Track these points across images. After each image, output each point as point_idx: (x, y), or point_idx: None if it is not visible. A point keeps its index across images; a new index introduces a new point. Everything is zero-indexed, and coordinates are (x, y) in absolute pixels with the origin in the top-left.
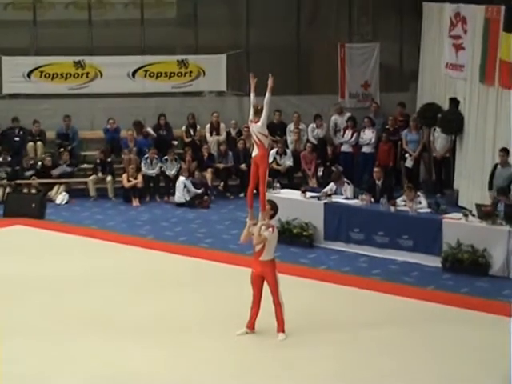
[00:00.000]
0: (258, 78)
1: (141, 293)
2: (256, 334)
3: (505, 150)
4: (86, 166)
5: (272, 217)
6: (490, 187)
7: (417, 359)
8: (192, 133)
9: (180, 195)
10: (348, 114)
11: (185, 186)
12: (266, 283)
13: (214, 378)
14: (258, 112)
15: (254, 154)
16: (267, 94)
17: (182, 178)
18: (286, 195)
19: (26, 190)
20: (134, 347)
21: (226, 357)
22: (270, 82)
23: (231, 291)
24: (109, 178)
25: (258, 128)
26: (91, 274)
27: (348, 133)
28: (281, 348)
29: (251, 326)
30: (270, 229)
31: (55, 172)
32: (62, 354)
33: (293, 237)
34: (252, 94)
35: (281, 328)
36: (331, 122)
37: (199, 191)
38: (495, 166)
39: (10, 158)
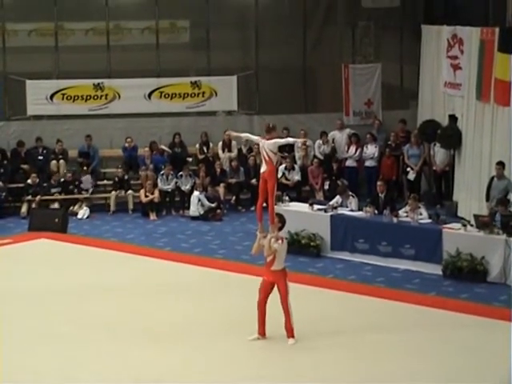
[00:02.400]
0: (266, 98)
1: (158, 301)
2: (267, 340)
3: (501, 164)
4: (105, 182)
5: (280, 229)
6: (488, 198)
7: (420, 363)
8: (205, 150)
9: (194, 209)
10: (347, 131)
11: (199, 200)
12: (274, 291)
13: (226, 381)
14: (269, 130)
15: (262, 169)
16: (291, 140)
17: (196, 193)
18: (295, 208)
19: (52, 206)
20: (153, 353)
21: (239, 362)
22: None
23: (244, 299)
24: (128, 193)
25: (269, 145)
26: (112, 284)
27: (352, 148)
28: (290, 353)
29: (262, 333)
30: (280, 241)
31: (84, 185)
32: (83, 359)
33: (301, 247)
34: (246, 135)
35: (290, 334)
36: (330, 137)
37: (212, 205)
38: (492, 179)
39: (38, 180)
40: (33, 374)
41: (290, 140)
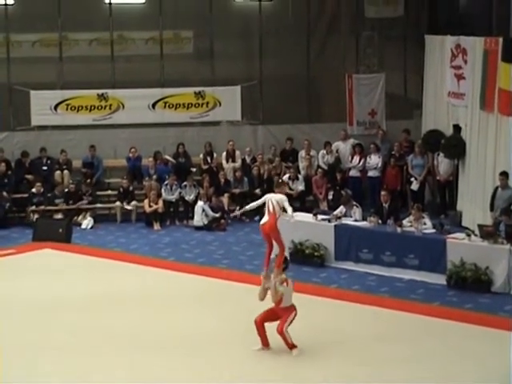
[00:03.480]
0: (270, 108)
1: (162, 311)
2: (272, 350)
3: (504, 174)
4: (110, 192)
5: (284, 270)
6: (492, 208)
7: (424, 373)
8: (209, 160)
9: (199, 219)
10: (351, 141)
11: (203, 211)
12: None
13: None
14: (279, 185)
15: (262, 221)
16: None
17: (200, 203)
18: (299, 218)
19: (56, 216)
20: (156, 363)
21: (243, 371)
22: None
23: (248, 309)
24: (132, 203)
25: (277, 198)
26: (115, 294)
27: (356, 158)
28: (294, 362)
29: (266, 344)
30: (285, 283)
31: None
32: (87, 369)
33: (305, 257)
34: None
35: (289, 345)
36: (333, 148)
37: (216, 215)
38: (496, 189)
39: (42, 190)
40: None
41: (289, 211)
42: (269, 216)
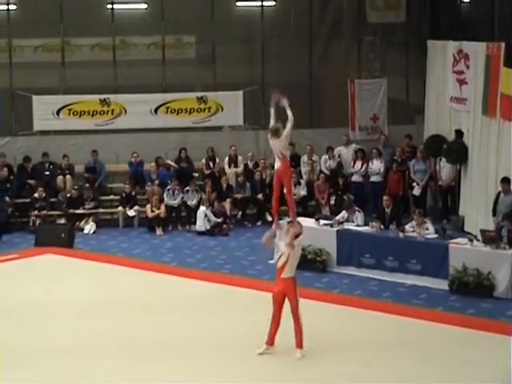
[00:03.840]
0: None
1: (164, 316)
2: (275, 353)
3: (506, 180)
4: (112, 197)
5: (297, 236)
6: (494, 213)
7: (425, 378)
8: (211, 165)
9: (201, 224)
10: (353, 146)
11: (205, 216)
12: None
13: None
14: (274, 133)
15: (276, 166)
16: (288, 112)
17: (202, 208)
18: (301, 223)
19: (58, 221)
20: (158, 368)
21: (245, 375)
22: (285, 102)
23: (250, 314)
24: (134, 208)
25: (280, 141)
26: (117, 299)
27: (358, 163)
28: (297, 366)
29: (270, 342)
30: (296, 243)
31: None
32: (89, 374)
33: (307, 262)
34: (272, 109)
35: (299, 343)
36: (336, 153)
37: (219, 220)
38: (498, 194)
39: (44, 195)
40: None
41: (289, 116)
42: (280, 161)
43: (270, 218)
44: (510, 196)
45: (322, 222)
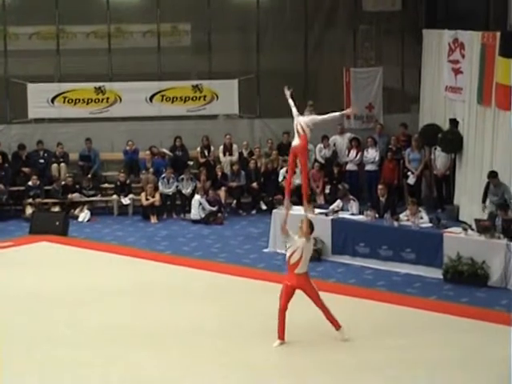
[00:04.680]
0: (267, 101)
1: (159, 305)
2: (269, 341)
3: (492, 175)
4: (107, 185)
5: (309, 234)
6: (484, 200)
7: (419, 366)
8: (206, 153)
9: (195, 212)
10: (348, 135)
11: (200, 204)
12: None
13: (230, 383)
14: (309, 107)
15: (293, 143)
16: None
17: (197, 197)
18: (296, 212)
19: (53, 209)
20: (152, 355)
21: (239, 363)
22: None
23: (244, 302)
24: (129, 196)
25: (305, 120)
26: (112, 288)
27: (353, 152)
28: (292, 355)
29: (282, 337)
30: (305, 239)
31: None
32: (83, 362)
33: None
34: (290, 100)
35: (336, 325)
36: (331, 142)
37: (213, 209)
38: (488, 184)
39: (38, 183)
40: (31, 376)
41: (336, 114)
42: (299, 138)
43: (264, 207)
44: (500, 187)
45: (316, 210)
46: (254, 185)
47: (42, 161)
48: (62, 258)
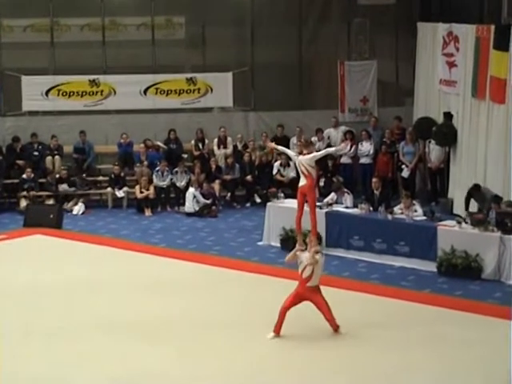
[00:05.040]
0: (262, 94)
1: (153, 297)
2: (263, 334)
3: (475, 188)
4: (101, 178)
5: (317, 252)
6: (467, 208)
7: (414, 359)
8: (201, 146)
9: (190, 205)
10: (342, 128)
11: (194, 197)
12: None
13: (224, 375)
14: (307, 145)
15: (301, 183)
16: (332, 149)
17: (191, 190)
18: (290, 205)
19: (47, 202)
20: (147, 348)
21: (231, 356)
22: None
23: (238, 295)
24: (123, 189)
25: (306, 160)
26: (107, 280)
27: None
28: (286, 348)
29: (278, 332)
30: (320, 253)
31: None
32: (78, 354)
33: (295, 245)
34: (280, 148)
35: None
36: (325, 135)
37: (208, 201)
38: (469, 194)
39: (33, 175)
40: (26, 369)
41: (330, 150)
42: (306, 179)
43: (258, 200)
44: (484, 195)
45: None
46: (249, 178)
47: (36, 153)
48: (56, 250)
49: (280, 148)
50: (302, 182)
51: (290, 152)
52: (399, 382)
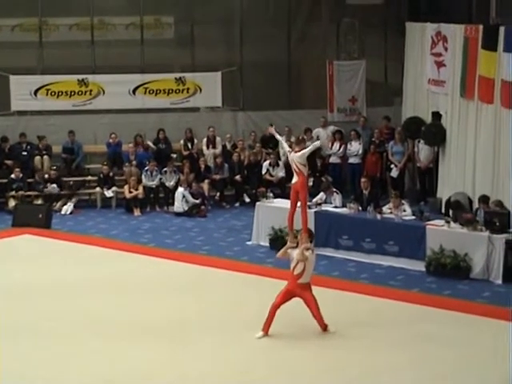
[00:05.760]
0: (251, 94)
1: (143, 297)
2: (252, 334)
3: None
4: (90, 178)
5: (307, 249)
6: (447, 213)
7: (402, 358)
8: (190, 146)
9: (179, 205)
10: (331, 128)
11: (183, 197)
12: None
13: (213, 376)
14: (299, 142)
15: (293, 181)
16: (317, 142)
17: (180, 189)
18: (279, 204)
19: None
20: (137, 348)
21: (224, 356)
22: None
23: (227, 295)
24: (112, 189)
25: (297, 158)
26: (96, 280)
27: (336, 145)
28: (276, 348)
29: (266, 331)
30: (310, 250)
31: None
32: (67, 355)
33: (284, 244)
34: (277, 136)
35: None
36: (314, 134)
37: (197, 201)
38: (449, 201)
39: (21, 175)
40: (14, 369)
41: (317, 144)
42: (298, 176)
43: (247, 199)
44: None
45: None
46: (238, 177)
47: (24, 153)
48: (45, 250)
49: (278, 137)
50: (295, 179)
51: (285, 146)
52: (387, 381)
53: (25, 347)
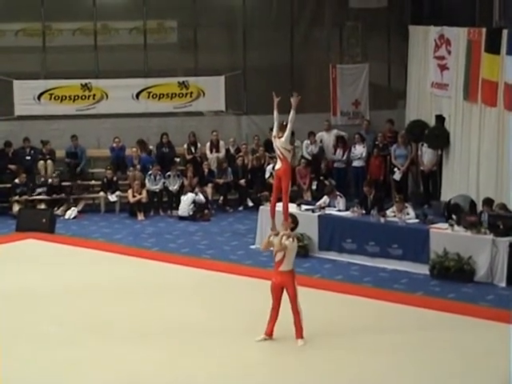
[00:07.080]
0: (254, 98)
1: (146, 301)
2: (253, 339)
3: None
4: (93, 182)
5: (293, 230)
6: (449, 217)
7: (407, 362)
8: (193, 150)
9: (185, 209)
10: (335, 132)
11: (193, 202)
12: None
13: (217, 379)
14: (282, 128)
15: (276, 167)
16: (292, 112)
17: (191, 195)
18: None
19: (40, 206)
20: (140, 352)
21: (226, 359)
22: (293, 101)
23: (232, 299)
24: (116, 193)
25: (281, 143)
26: (99, 284)
27: (339, 151)
28: (280, 351)
29: (269, 333)
30: (291, 238)
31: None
32: (71, 359)
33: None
34: (275, 112)
35: (299, 334)
36: (317, 138)
37: (203, 200)
38: (449, 203)
39: (25, 180)
40: (16, 374)
41: (291, 117)
42: (282, 162)
43: (251, 204)
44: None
45: (303, 207)
46: (241, 181)
47: (28, 158)
48: (49, 255)
49: (276, 114)
50: (278, 165)
51: (274, 131)
52: None
53: (27, 351)
